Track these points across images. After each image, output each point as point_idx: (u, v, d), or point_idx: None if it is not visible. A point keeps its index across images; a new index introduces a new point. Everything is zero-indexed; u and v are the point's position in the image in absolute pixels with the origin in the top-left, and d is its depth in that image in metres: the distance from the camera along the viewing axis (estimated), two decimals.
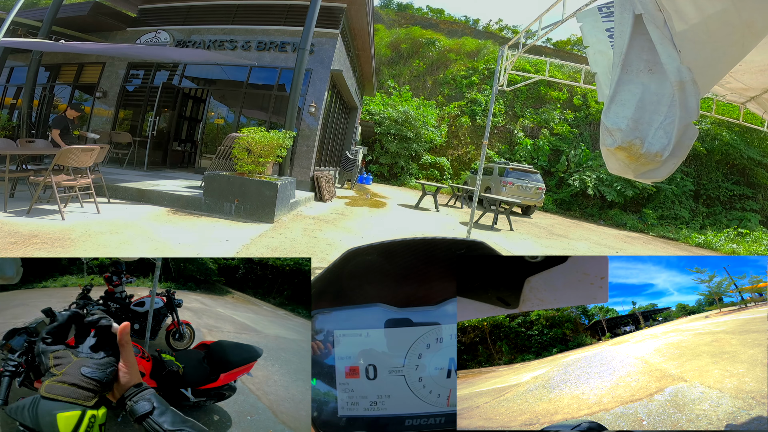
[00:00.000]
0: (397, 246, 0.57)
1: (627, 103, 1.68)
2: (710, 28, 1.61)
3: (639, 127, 1.66)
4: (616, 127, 1.70)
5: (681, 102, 1.56)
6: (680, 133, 1.61)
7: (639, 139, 1.66)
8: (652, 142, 1.65)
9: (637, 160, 1.71)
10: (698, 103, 1.58)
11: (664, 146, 1.63)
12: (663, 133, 1.63)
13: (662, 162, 1.67)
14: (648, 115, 1.65)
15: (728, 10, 1.56)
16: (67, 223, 4.52)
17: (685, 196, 16.52)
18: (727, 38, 1.65)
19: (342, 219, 7.53)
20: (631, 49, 1.68)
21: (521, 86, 9.70)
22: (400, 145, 19.56)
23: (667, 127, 1.62)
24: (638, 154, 1.68)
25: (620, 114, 1.70)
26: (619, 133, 1.69)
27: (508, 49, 5.76)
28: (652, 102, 1.65)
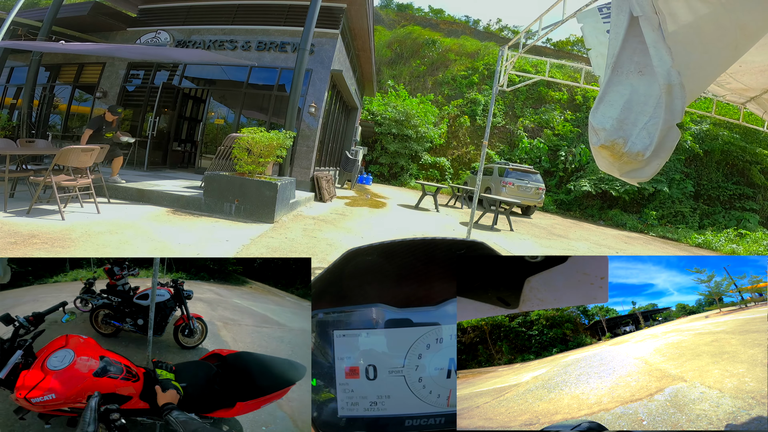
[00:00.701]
0: (397, 246, 0.57)
1: (614, 103, 1.72)
2: (702, 29, 1.62)
3: (623, 127, 1.70)
4: (600, 127, 1.73)
5: (667, 104, 1.59)
6: (663, 134, 1.63)
7: (622, 138, 1.69)
8: (635, 142, 1.68)
9: (620, 158, 1.74)
10: (684, 106, 1.60)
11: (646, 146, 1.65)
12: (646, 133, 1.65)
13: (645, 162, 1.70)
14: (633, 115, 1.68)
15: (719, 12, 1.57)
16: (67, 223, 4.52)
17: (685, 196, 16.53)
18: (719, 40, 1.66)
19: (342, 219, 7.53)
20: (623, 51, 1.70)
21: (521, 86, 9.70)
22: (400, 145, 19.56)
23: (651, 128, 1.64)
24: (620, 153, 1.71)
25: (606, 114, 1.73)
26: (603, 132, 1.73)
27: (508, 50, 5.76)
28: (639, 103, 1.67)
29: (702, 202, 16.76)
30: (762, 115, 4.50)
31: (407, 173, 20.06)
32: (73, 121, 11.66)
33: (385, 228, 7.38)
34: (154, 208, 5.90)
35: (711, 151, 16.76)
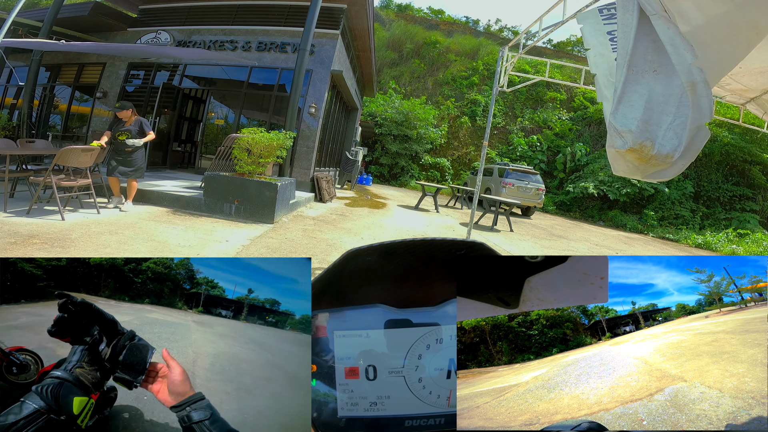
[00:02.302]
0: (397, 247, 0.57)
1: (635, 104, 1.67)
2: (714, 29, 1.60)
3: (649, 128, 1.65)
4: (626, 129, 1.68)
5: (693, 103, 1.55)
6: (692, 134, 1.59)
7: (650, 140, 1.64)
8: (663, 144, 1.63)
9: (648, 161, 1.69)
10: (711, 104, 1.56)
11: (675, 147, 1.61)
12: (673, 134, 1.61)
13: (672, 163, 1.66)
14: (656, 116, 1.64)
15: (732, 12, 1.55)
16: (67, 223, 4.52)
17: (685, 197, 16.53)
18: (732, 39, 1.64)
19: (342, 220, 7.53)
20: (636, 50, 1.67)
21: (521, 87, 9.71)
22: (400, 146, 19.57)
23: (678, 128, 1.60)
24: (649, 156, 1.66)
25: (629, 115, 1.68)
26: (630, 134, 1.67)
27: (508, 50, 5.76)
28: (659, 103, 1.63)
29: (702, 203, 16.76)
30: (762, 115, 4.50)
31: (408, 174, 20.07)
32: (73, 122, 11.67)
33: (385, 229, 7.37)
34: (154, 209, 5.90)
35: (711, 153, 16.76)
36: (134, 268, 1.13)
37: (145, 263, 1.14)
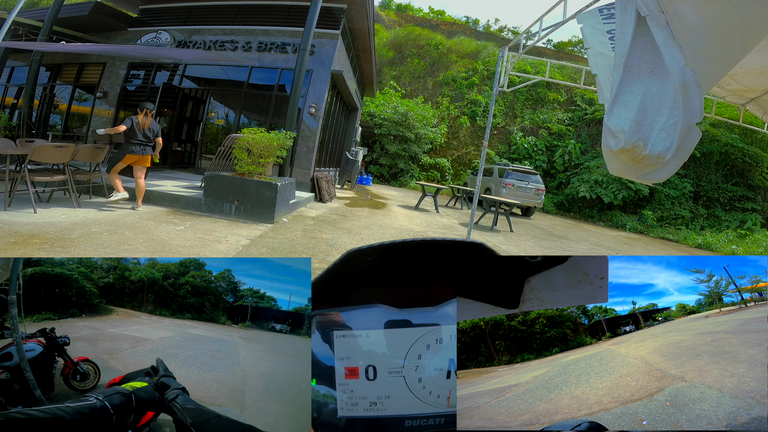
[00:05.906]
0: (396, 247, 0.57)
1: (629, 104, 1.68)
2: (710, 30, 1.61)
3: (641, 129, 1.66)
4: (619, 129, 1.69)
5: (684, 104, 1.56)
6: (683, 135, 1.60)
7: (642, 140, 1.65)
8: (655, 144, 1.64)
9: (640, 162, 1.70)
10: (702, 104, 1.57)
11: (667, 148, 1.62)
12: (666, 134, 1.62)
13: (664, 164, 1.67)
14: (650, 116, 1.65)
15: (728, 12, 1.55)
16: (67, 223, 4.52)
17: (684, 197, 16.53)
18: (728, 40, 1.65)
19: (342, 220, 7.53)
20: (632, 51, 1.67)
21: (521, 87, 9.71)
22: (400, 146, 19.57)
23: (670, 129, 1.61)
24: (641, 156, 1.67)
25: (623, 116, 1.69)
26: (623, 134, 1.68)
27: (508, 51, 5.77)
28: (653, 104, 1.64)
29: (702, 203, 16.76)
30: (762, 116, 4.50)
31: (408, 174, 20.06)
32: (73, 121, 11.67)
33: (385, 229, 7.37)
34: (155, 208, 5.90)
35: (710, 153, 16.76)
36: (174, 282, 1.11)
37: (183, 278, 1.11)
